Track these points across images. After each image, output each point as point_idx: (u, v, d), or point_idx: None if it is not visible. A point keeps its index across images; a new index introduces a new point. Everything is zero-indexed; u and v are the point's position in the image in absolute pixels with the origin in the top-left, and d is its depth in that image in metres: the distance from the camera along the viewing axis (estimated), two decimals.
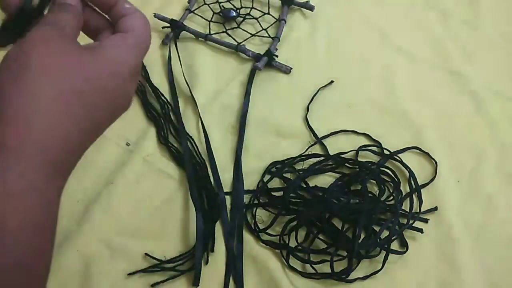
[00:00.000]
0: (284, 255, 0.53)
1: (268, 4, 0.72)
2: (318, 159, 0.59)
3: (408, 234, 0.54)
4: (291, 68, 0.66)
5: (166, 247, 0.53)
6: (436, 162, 0.59)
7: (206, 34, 0.68)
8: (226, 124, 0.62)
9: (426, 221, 0.55)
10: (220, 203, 0.55)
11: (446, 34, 0.70)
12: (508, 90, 0.65)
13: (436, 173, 0.58)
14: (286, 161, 0.58)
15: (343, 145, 0.60)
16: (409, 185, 0.57)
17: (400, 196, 0.56)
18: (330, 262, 0.51)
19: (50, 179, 0.28)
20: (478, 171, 0.59)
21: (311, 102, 0.63)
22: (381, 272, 0.51)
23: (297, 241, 0.53)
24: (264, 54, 0.66)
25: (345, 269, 0.51)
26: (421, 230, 0.54)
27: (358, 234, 0.51)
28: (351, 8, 0.73)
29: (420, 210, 0.55)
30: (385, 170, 0.57)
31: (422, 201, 0.56)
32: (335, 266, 0.51)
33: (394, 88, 0.65)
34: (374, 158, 0.59)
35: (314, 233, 0.53)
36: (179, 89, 0.65)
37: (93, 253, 0.52)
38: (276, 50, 0.67)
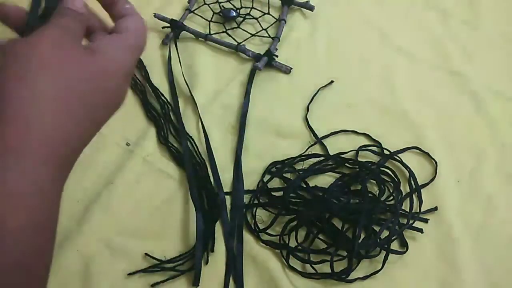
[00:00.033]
0: (284, 255, 0.53)
1: (268, 4, 0.72)
2: (318, 159, 0.59)
3: (408, 234, 0.54)
4: (291, 68, 0.66)
5: (166, 247, 0.53)
6: (436, 162, 0.59)
7: (206, 34, 0.68)
8: (226, 124, 0.62)
9: (426, 221, 0.55)
10: (220, 203, 0.55)
11: (446, 34, 0.70)
12: (508, 90, 0.65)
13: (436, 173, 0.58)
14: (286, 161, 0.58)
15: (343, 145, 0.60)
16: (409, 185, 0.57)
17: (400, 196, 0.56)
18: (330, 262, 0.51)
19: (50, 178, 0.28)
20: (478, 171, 0.59)
21: (311, 102, 0.63)
22: (381, 272, 0.51)
23: (297, 241, 0.53)
24: (264, 54, 0.66)
25: (345, 269, 0.51)
26: (421, 230, 0.54)
27: (358, 234, 0.51)
28: (351, 8, 0.73)
29: (420, 210, 0.55)
30: (385, 170, 0.57)
31: (422, 201, 0.56)
32: (335, 266, 0.51)
33: (394, 88, 0.65)
34: (374, 158, 0.59)
35: (314, 233, 0.53)
36: (179, 89, 0.65)
37: (93, 253, 0.52)
38: (276, 50, 0.67)
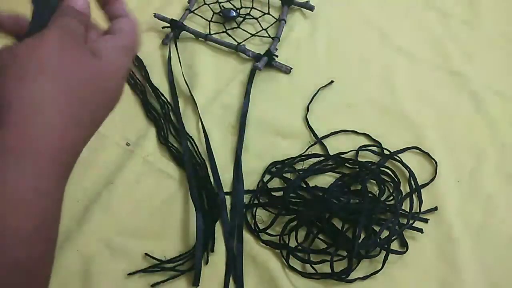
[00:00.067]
0: (284, 255, 0.53)
1: (268, 4, 0.72)
2: (318, 159, 0.59)
3: (408, 234, 0.54)
4: (291, 68, 0.66)
5: (166, 247, 0.53)
6: (436, 162, 0.59)
7: (206, 34, 0.68)
8: (226, 124, 0.62)
9: (426, 221, 0.55)
10: (220, 203, 0.55)
11: (446, 34, 0.70)
12: (508, 90, 0.65)
13: (436, 173, 0.58)
14: (286, 161, 0.58)
15: (343, 145, 0.60)
16: (409, 185, 0.57)
17: (400, 196, 0.56)
18: (330, 262, 0.51)
19: (52, 179, 0.28)
20: (478, 171, 0.59)
21: (311, 102, 0.63)
22: (381, 272, 0.51)
23: (297, 241, 0.53)
24: (264, 54, 0.66)
25: (345, 269, 0.51)
26: (421, 230, 0.54)
27: (358, 234, 0.51)
28: (351, 8, 0.73)
29: (420, 210, 0.55)
30: (385, 170, 0.57)
31: (422, 201, 0.56)
32: (335, 266, 0.51)
33: (394, 88, 0.65)
34: (374, 158, 0.59)
35: (314, 233, 0.53)
36: (179, 89, 0.65)
37: (93, 253, 0.52)
38: (276, 50, 0.67)
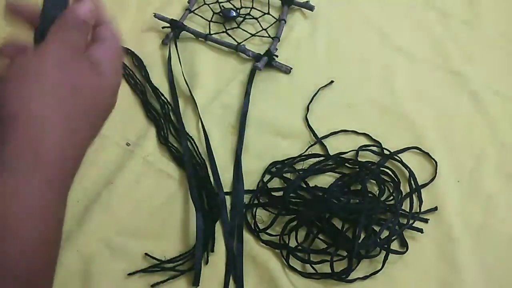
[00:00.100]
0: (284, 255, 0.53)
1: (268, 4, 0.72)
2: (318, 159, 0.59)
3: (408, 234, 0.54)
4: (291, 68, 0.66)
5: (166, 247, 0.53)
6: (436, 162, 0.59)
7: (206, 34, 0.68)
8: (226, 124, 0.62)
9: (426, 221, 0.55)
10: (220, 203, 0.55)
11: (446, 34, 0.70)
12: (508, 90, 0.65)
13: (436, 173, 0.58)
14: (286, 161, 0.58)
15: (343, 145, 0.60)
16: (409, 185, 0.57)
17: (400, 196, 0.56)
18: (330, 262, 0.51)
19: (54, 190, 0.29)
20: (478, 171, 0.59)
21: (311, 102, 0.63)
22: (381, 272, 0.51)
23: (297, 241, 0.53)
24: (264, 54, 0.66)
25: (345, 269, 0.51)
26: (421, 230, 0.54)
27: (358, 234, 0.51)
28: (351, 8, 0.73)
29: (420, 210, 0.55)
30: (385, 170, 0.57)
31: (422, 201, 0.56)
32: (335, 266, 0.51)
33: (394, 88, 0.65)
34: (374, 158, 0.59)
35: (314, 233, 0.53)
36: (179, 89, 0.65)
37: (93, 253, 0.52)
38: (276, 50, 0.67)
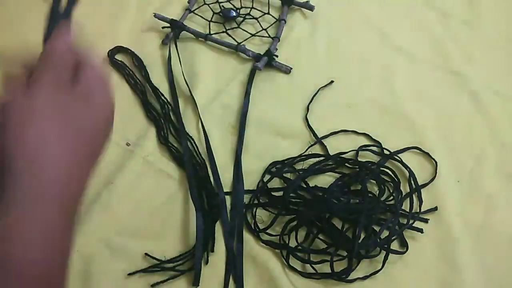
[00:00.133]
0: (284, 255, 0.53)
1: (268, 4, 0.72)
2: (318, 159, 0.59)
3: (408, 234, 0.54)
4: (291, 68, 0.66)
5: (166, 247, 0.53)
6: (436, 162, 0.59)
7: (206, 34, 0.68)
8: (226, 124, 0.62)
9: (426, 221, 0.55)
10: (220, 203, 0.55)
11: (446, 34, 0.70)
12: (508, 90, 0.65)
13: (436, 173, 0.58)
14: (286, 161, 0.58)
15: (343, 145, 0.60)
16: (409, 185, 0.57)
17: (400, 196, 0.56)
18: (330, 262, 0.51)
19: (60, 218, 0.30)
20: (478, 171, 0.59)
21: (311, 102, 0.63)
22: (381, 272, 0.51)
23: (297, 241, 0.53)
24: (264, 54, 0.66)
25: (345, 269, 0.51)
26: (421, 230, 0.54)
27: (358, 234, 0.51)
28: (351, 8, 0.73)
29: (420, 210, 0.55)
30: (385, 170, 0.57)
31: (422, 201, 0.56)
32: (335, 266, 0.51)
33: (394, 88, 0.65)
34: (374, 158, 0.59)
35: (314, 233, 0.53)
36: (179, 89, 0.65)
37: (93, 253, 0.52)
38: (276, 50, 0.67)
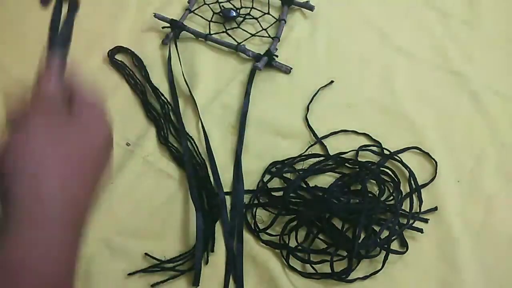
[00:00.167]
0: (284, 255, 0.53)
1: (268, 4, 0.72)
2: (318, 159, 0.59)
3: (408, 234, 0.54)
4: (291, 68, 0.66)
5: (166, 247, 0.53)
6: (436, 162, 0.59)
7: (206, 34, 0.68)
8: (226, 124, 0.62)
9: (426, 221, 0.55)
10: (220, 203, 0.55)
11: (446, 34, 0.70)
12: (508, 90, 0.65)
13: (436, 173, 0.58)
14: (286, 161, 0.58)
15: (343, 145, 0.60)
16: (409, 185, 0.57)
17: (400, 196, 0.56)
18: (330, 262, 0.51)
19: (65, 240, 0.31)
20: (478, 171, 0.59)
21: (311, 102, 0.63)
22: (381, 272, 0.51)
23: (297, 241, 0.53)
24: (264, 54, 0.66)
25: (345, 269, 0.51)
26: (421, 230, 0.54)
27: (358, 234, 0.51)
28: (351, 8, 0.73)
29: (420, 210, 0.55)
30: (385, 170, 0.57)
31: (422, 201, 0.56)
32: (335, 266, 0.51)
33: (394, 88, 0.65)
34: (374, 158, 0.59)
35: (314, 233, 0.53)
36: (179, 89, 0.65)
37: (93, 253, 0.52)
38: (276, 50, 0.67)
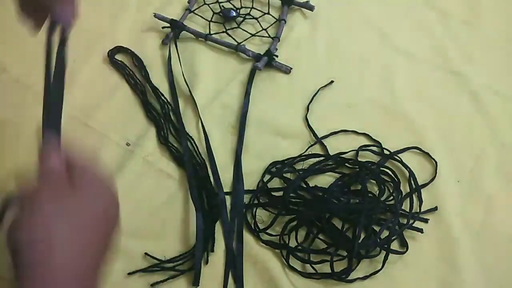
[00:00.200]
0: (284, 255, 0.53)
1: (268, 4, 0.72)
2: (318, 159, 0.59)
3: (408, 234, 0.54)
4: (291, 68, 0.66)
5: (166, 247, 0.53)
6: (436, 162, 0.59)
7: (206, 34, 0.68)
8: (226, 124, 0.62)
9: (426, 221, 0.55)
10: (220, 203, 0.55)
11: (446, 34, 0.70)
12: (508, 90, 0.65)
13: (436, 173, 0.58)
14: (286, 161, 0.58)
15: (343, 145, 0.60)
16: (409, 185, 0.57)
17: (400, 196, 0.56)
18: (330, 262, 0.51)
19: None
20: (478, 171, 0.59)
21: (311, 102, 0.63)
22: (381, 272, 0.51)
23: (297, 241, 0.53)
24: (264, 54, 0.66)
25: (345, 269, 0.51)
26: (421, 230, 0.54)
27: (358, 234, 0.51)
28: (351, 8, 0.73)
29: (420, 210, 0.55)
30: (385, 170, 0.57)
31: (422, 201, 0.56)
32: (335, 266, 0.51)
33: (394, 88, 0.65)
34: (374, 158, 0.59)
35: (314, 233, 0.53)
36: (179, 89, 0.64)
37: None
38: (276, 50, 0.67)
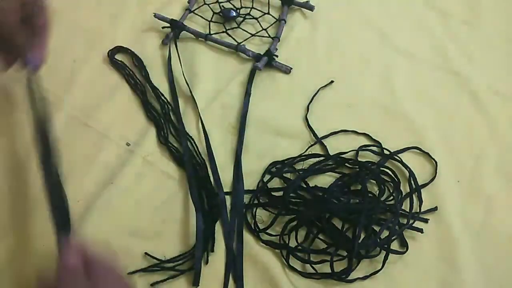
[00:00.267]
0: (284, 255, 0.53)
1: (268, 4, 0.72)
2: (318, 159, 0.59)
3: (408, 234, 0.54)
4: (291, 68, 0.66)
5: (166, 247, 0.53)
6: (436, 162, 0.59)
7: (206, 34, 0.68)
8: (226, 124, 0.62)
9: (426, 221, 0.55)
10: (220, 203, 0.55)
11: (446, 34, 0.70)
12: (508, 90, 0.65)
13: (436, 173, 0.58)
14: (286, 161, 0.58)
15: (343, 145, 0.60)
16: (409, 185, 0.57)
17: (400, 196, 0.56)
18: (330, 262, 0.51)
19: None
20: (478, 171, 0.59)
21: (311, 102, 0.63)
22: (381, 272, 0.51)
23: (297, 241, 0.53)
24: (264, 54, 0.66)
25: (345, 269, 0.51)
26: (421, 230, 0.54)
27: (358, 234, 0.51)
28: (351, 8, 0.73)
29: (420, 210, 0.55)
30: (385, 170, 0.57)
31: (422, 201, 0.56)
32: (335, 266, 0.51)
33: (394, 88, 0.65)
34: (374, 158, 0.59)
35: (314, 233, 0.53)
36: (179, 89, 0.65)
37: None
38: (276, 50, 0.67)
